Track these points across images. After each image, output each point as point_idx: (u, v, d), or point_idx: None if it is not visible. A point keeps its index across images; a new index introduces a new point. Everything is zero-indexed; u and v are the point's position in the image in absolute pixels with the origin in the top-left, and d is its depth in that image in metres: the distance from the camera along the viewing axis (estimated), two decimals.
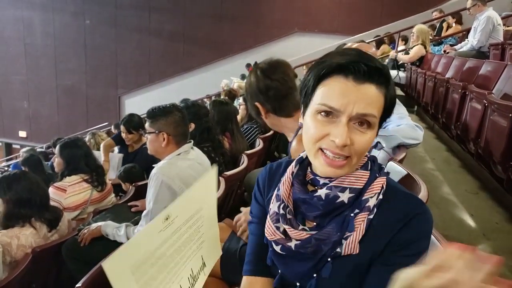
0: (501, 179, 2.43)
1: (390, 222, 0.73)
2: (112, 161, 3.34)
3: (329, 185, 0.77)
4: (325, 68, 0.75)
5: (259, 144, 3.17)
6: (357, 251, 0.74)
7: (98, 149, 4.08)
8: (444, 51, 5.34)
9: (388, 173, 0.81)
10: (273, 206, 0.84)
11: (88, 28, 11.28)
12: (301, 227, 0.80)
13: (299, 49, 8.96)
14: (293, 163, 0.86)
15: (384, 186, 0.77)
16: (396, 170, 1.79)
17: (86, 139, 4.42)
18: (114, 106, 10.86)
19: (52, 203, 2.30)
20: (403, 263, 0.70)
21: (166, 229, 0.70)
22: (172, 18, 10.71)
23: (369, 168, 0.79)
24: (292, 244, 0.78)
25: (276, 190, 0.85)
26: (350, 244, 0.74)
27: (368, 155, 0.81)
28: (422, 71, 4.70)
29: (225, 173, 2.34)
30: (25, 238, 2.00)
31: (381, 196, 0.76)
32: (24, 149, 6.58)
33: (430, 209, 0.78)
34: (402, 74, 5.74)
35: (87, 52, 11.40)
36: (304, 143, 0.79)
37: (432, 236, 1.16)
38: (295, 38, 9.83)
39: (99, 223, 2.07)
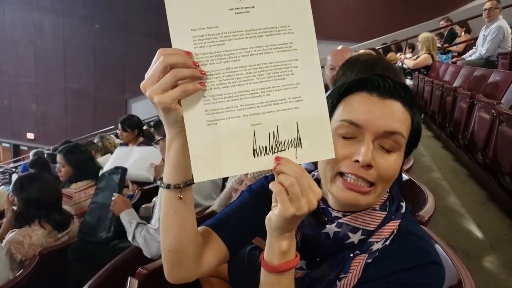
0: (509, 190, 2.41)
1: (388, 272, 0.66)
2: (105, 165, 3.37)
3: (339, 221, 0.70)
4: (345, 85, 0.70)
5: None
6: None
7: (106, 153, 4.12)
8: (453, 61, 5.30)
9: (404, 213, 0.73)
10: None
11: (97, 32, 11.41)
12: (298, 265, 0.73)
13: None
14: None
15: (395, 232, 0.70)
16: (403, 180, 1.78)
17: (95, 141, 4.46)
18: (121, 110, 10.93)
19: None
20: None
21: (239, 14, 0.56)
22: None
23: (387, 209, 0.71)
24: None
25: None
26: (344, 287, 0.68)
27: (387, 192, 0.73)
28: (430, 80, 4.68)
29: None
30: (37, 237, 2.03)
31: (388, 242, 0.69)
32: (33, 152, 6.65)
33: (436, 219, 0.72)
34: (409, 82, 5.72)
35: (96, 55, 11.52)
36: (319, 167, 0.72)
37: (439, 247, 1.16)
38: None
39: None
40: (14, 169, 9.35)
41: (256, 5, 0.57)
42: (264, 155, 0.58)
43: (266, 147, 0.58)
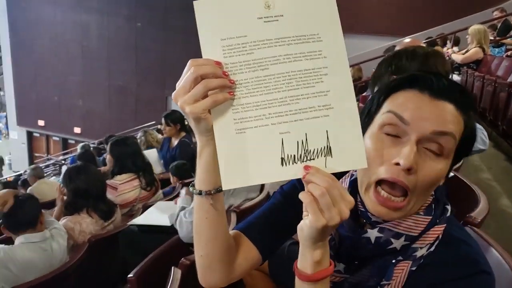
0: None
1: (434, 280, 0.63)
2: (150, 158, 3.44)
3: (382, 226, 0.67)
4: (396, 80, 0.67)
5: None
6: None
7: (148, 147, 4.26)
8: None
9: (449, 217, 0.69)
10: None
11: (139, 31, 11.80)
12: (337, 268, 0.72)
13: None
14: (344, 185, 0.74)
15: (440, 236, 0.66)
16: (451, 180, 1.68)
17: (138, 136, 4.61)
18: (162, 106, 11.26)
19: None
20: None
21: (267, 22, 0.57)
22: None
23: (432, 213, 0.68)
24: None
25: None
26: None
27: (432, 195, 0.70)
28: (480, 75, 4.41)
29: None
30: (86, 225, 2.14)
31: (432, 248, 0.65)
32: (80, 145, 7.02)
33: (487, 221, 0.67)
34: (456, 77, 5.44)
35: (138, 53, 11.93)
36: (358, 171, 0.71)
37: (494, 251, 1.09)
38: None
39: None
40: (63, 161, 9.94)
41: (285, 14, 0.58)
42: (293, 163, 0.58)
43: (294, 155, 0.58)
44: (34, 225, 1.85)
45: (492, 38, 5.72)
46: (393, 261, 0.66)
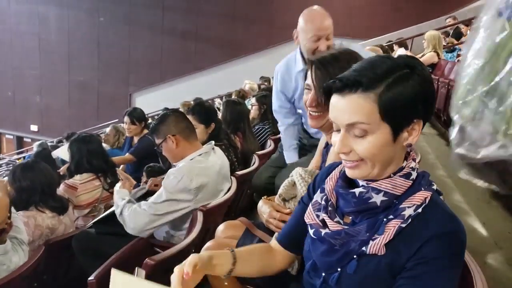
0: None
1: (420, 234, 0.74)
2: None
3: (366, 185, 0.80)
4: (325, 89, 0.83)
5: (270, 145, 3.18)
6: (383, 253, 0.76)
7: (117, 147, 4.09)
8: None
9: (434, 189, 0.80)
10: (317, 196, 0.91)
11: (102, 25, 11.43)
12: (337, 219, 0.84)
13: None
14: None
15: (427, 201, 0.77)
16: None
17: (108, 130, 4.42)
18: (125, 103, 10.95)
19: None
20: (426, 277, 0.73)
21: None
22: (185, 17, 10.83)
23: (411, 178, 0.79)
24: (324, 231, 0.84)
25: (324, 184, 0.90)
26: (376, 246, 0.76)
27: (415, 167, 0.81)
28: (435, 78, 4.66)
29: (236, 172, 2.36)
30: (42, 218, 2.05)
31: (420, 210, 0.76)
32: (37, 143, 6.67)
33: None
34: None
35: (100, 49, 11.54)
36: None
37: None
38: None
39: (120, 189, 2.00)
40: (17, 161, 9.40)
41: None
42: None
43: None
44: None
45: (445, 43, 6.07)
46: (385, 219, 0.77)
